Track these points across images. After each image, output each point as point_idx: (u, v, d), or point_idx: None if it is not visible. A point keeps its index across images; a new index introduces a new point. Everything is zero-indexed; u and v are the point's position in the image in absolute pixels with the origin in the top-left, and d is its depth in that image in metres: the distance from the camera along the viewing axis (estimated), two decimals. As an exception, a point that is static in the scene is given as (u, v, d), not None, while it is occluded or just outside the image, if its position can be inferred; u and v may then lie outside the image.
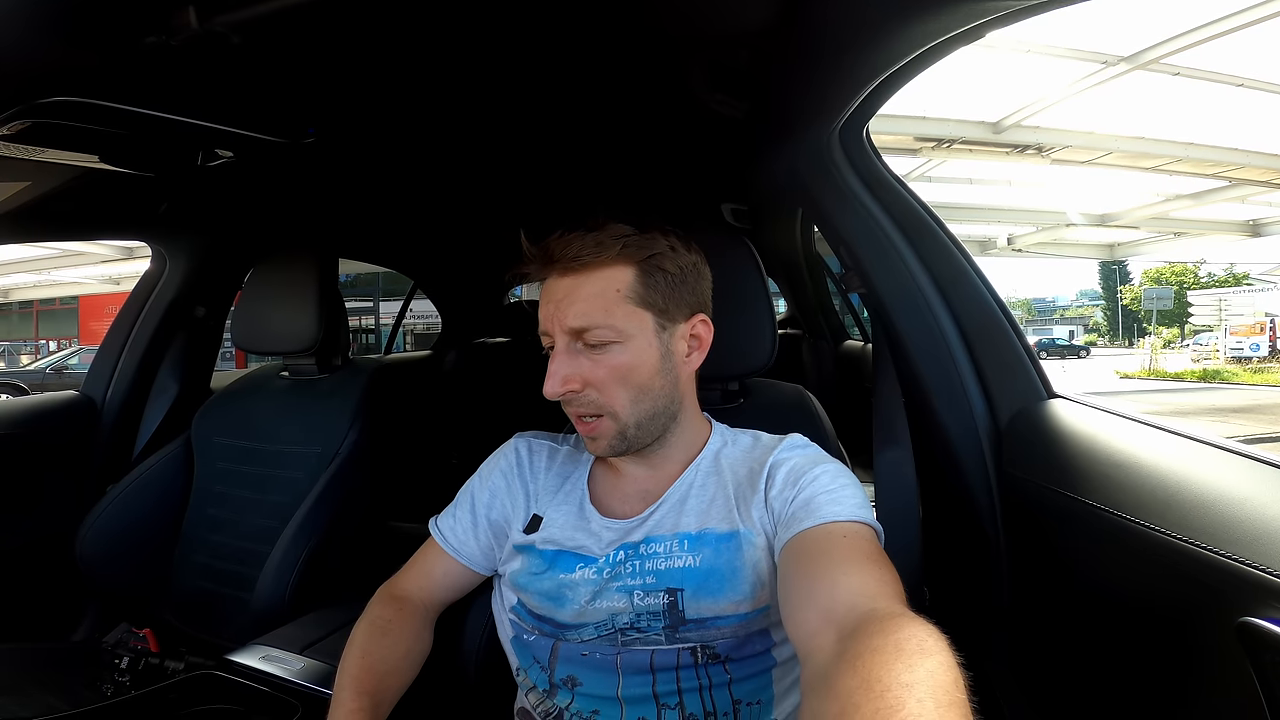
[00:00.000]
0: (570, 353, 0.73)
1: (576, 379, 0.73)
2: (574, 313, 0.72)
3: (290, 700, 0.80)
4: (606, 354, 0.73)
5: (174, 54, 0.79)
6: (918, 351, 0.97)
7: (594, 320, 0.72)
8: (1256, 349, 19.37)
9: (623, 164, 1.57)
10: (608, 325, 0.72)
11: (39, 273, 13.92)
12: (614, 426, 0.75)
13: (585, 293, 0.72)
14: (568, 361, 0.73)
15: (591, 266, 0.73)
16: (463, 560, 0.86)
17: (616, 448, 0.76)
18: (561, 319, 0.73)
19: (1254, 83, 7.12)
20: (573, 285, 0.73)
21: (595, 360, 0.73)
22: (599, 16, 0.86)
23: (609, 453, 0.76)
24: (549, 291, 0.75)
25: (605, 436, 0.75)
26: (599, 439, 0.75)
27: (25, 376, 10.63)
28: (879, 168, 1.01)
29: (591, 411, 0.74)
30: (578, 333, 0.72)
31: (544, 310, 0.75)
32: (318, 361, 1.44)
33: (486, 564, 0.86)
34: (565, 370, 0.73)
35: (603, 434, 0.75)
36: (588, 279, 0.73)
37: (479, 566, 0.86)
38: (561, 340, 0.73)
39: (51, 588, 1.42)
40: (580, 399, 0.74)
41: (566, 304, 0.73)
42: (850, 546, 0.62)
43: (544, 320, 0.75)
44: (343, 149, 1.32)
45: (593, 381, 0.73)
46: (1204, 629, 0.55)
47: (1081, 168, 9.39)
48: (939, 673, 0.42)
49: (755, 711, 0.71)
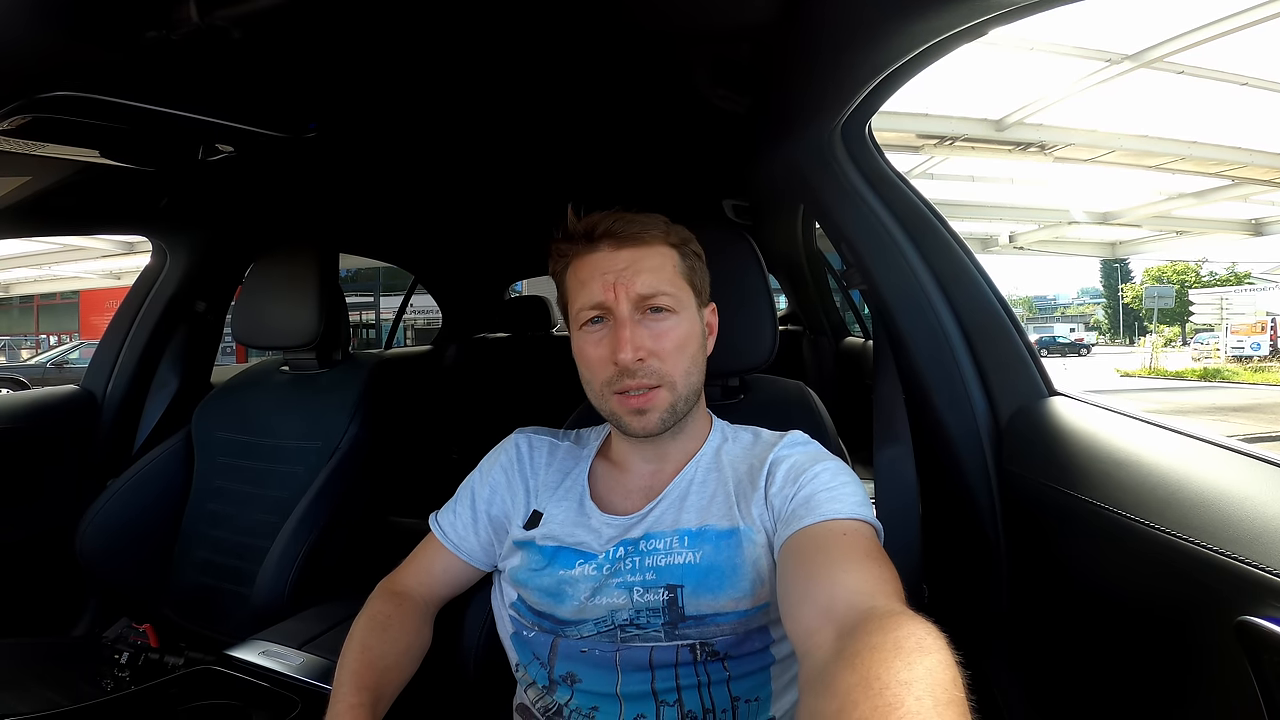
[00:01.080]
0: (635, 322, 0.74)
1: (644, 348, 0.74)
2: (643, 280, 0.74)
3: (290, 696, 0.80)
4: (666, 323, 0.75)
5: (175, 48, 0.79)
6: (918, 348, 0.97)
7: (661, 288, 0.75)
8: (1257, 348, 19.38)
9: (624, 159, 1.56)
10: (672, 294, 0.76)
11: (39, 267, 13.89)
12: (669, 398, 0.75)
13: (650, 264, 0.76)
14: (636, 329, 0.74)
15: (648, 241, 0.76)
16: (463, 556, 0.86)
17: (666, 421, 0.76)
18: (629, 285, 0.74)
19: (1258, 82, 7.08)
20: (634, 257, 0.76)
21: (657, 330, 0.75)
22: (600, 10, 0.86)
23: (658, 427, 0.76)
24: (603, 263, 0.76)
25: (659, 409, 0.75)
26: (651, 411, 0.75)
27: (26, 371, 10.63)
28: (881, 164, 1.01)
29: (651, 383, 0.74)
30: (645, 300, 0.74)
31: (599, 281, 0.75)
32: (318, 356, 1.44)
33: (486, 560, 0.87)
34: (637, 338, 0.74)
35: (656, 405, 0.75)
36: (648, 252, 0.76)
37: (479, 562, 0.86)
38: (626, 308, 0.74)
39: (52, 583, 1.42)
40: (644, 368, 0.74)
41: (632, 273, 0.74)
42: (850, 544, 0.62)
43: (600, 291, 0.75)
44: (344, 144, 1.31)
45: (656, 351, 0.75)
46: (1203, 627, 0.55)
47: (1084, 165, 9.35)
48: (937, 671, 0.42)
49: (753, 709, 0.71)
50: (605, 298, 0.74)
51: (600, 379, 0.76)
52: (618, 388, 0.75)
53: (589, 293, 0.75)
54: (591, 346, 0.76)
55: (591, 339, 0.76)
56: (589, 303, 0.76)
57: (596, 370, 0.76)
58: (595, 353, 0.76)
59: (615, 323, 0.74)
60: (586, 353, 0.77)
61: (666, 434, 0.79)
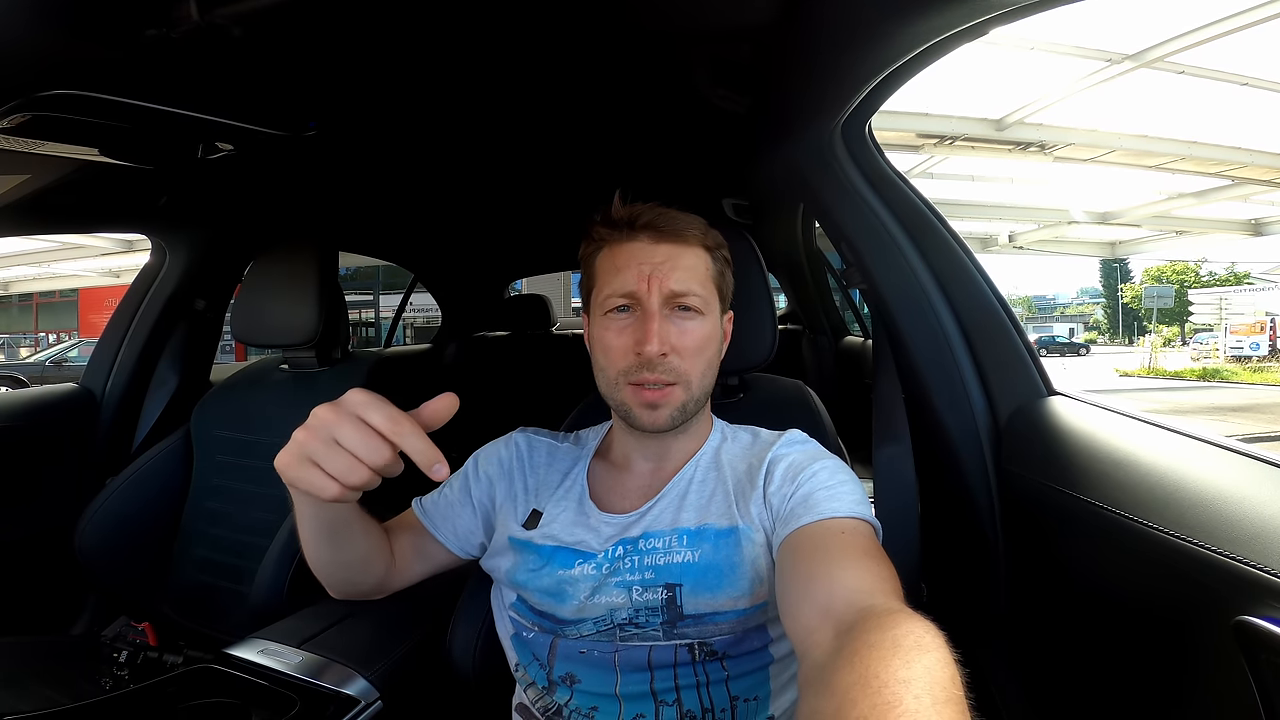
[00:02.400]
0: (663, 317, 0.74)
1: (668, 344, 0.74)
2: (678, 277, 0.75)
3: (288, 694, 0.80)
4: (691, 323, 0.76)
5: (175, 47, 0.79)
6: (918, 348, 0.97)
7: (693, 288, 0.75)
8: (1256, 348, 19.39)
9: (624, 158, 1.56)
10: (702, 295, 0.76)
11: (39, 265, 13.86)
12: (683, 396, 0.76)
13: (686, 262, 0.76)
14: (665, 325, 0.74)
15: (687, 240, 0.77)
16: (436, 534, 0.86)
17: (675, 419, 0.76)
18: (663, 280, 0.74)
19: (1258, 82, 7.08)
20: (672, 253, 0.76)
21: (682, 329, 0.75)
22: (600, 10, 0.86)
23: (667, 424, 0.76)
24: (638, 254, 0.76)
25: (671, 405, 0.75)
26: (664, 408, 0.75)
27: (25, 369, 10.61)
28: (881, 164, 1.01)
29: (669, 379, 0.74)
30: (676, 296, 0.75)
31: (634, 270, 0.75)
32: (317, 355, 1.43)
33: (460, 545, 0.86)
34: (664, 333, 0.74)
35: (670, 402, 0.75)
36: (685, 250, 0.77)
37: (450, 544, 0.86)
38: (656, 301, 0.74)
39: (51, 581, 1.42)
40: (664, 364, 0.74)
41: (668, 268, 0.74)
42: (848, 543, 0.62)
43: (634, 280, 0.75)
44: (343, 142, 1.31)
45: (679, 348, 0.75)
46: (1201, 627, 0.55)
47: (1084, 165, 9.35)
48: (936, 669, 0.42)
49: (752, 708, 0.72)
50: (638, 288, 0.74)
51: (618, 367, 0.76)
52: (634, 379, 0.75)
53: (622, 280, 0.75)
54: (614, 334, 0.76)
55: (615, 326, 0.76)
56: (620, 290, 0.75)
57: (615, 358, 0.76)
58: (617, 341, 0.76)
59: (644, 314, 0.74)
60: (607, 340, 0.77)
61: (671, 432, 0.79)
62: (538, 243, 2.57)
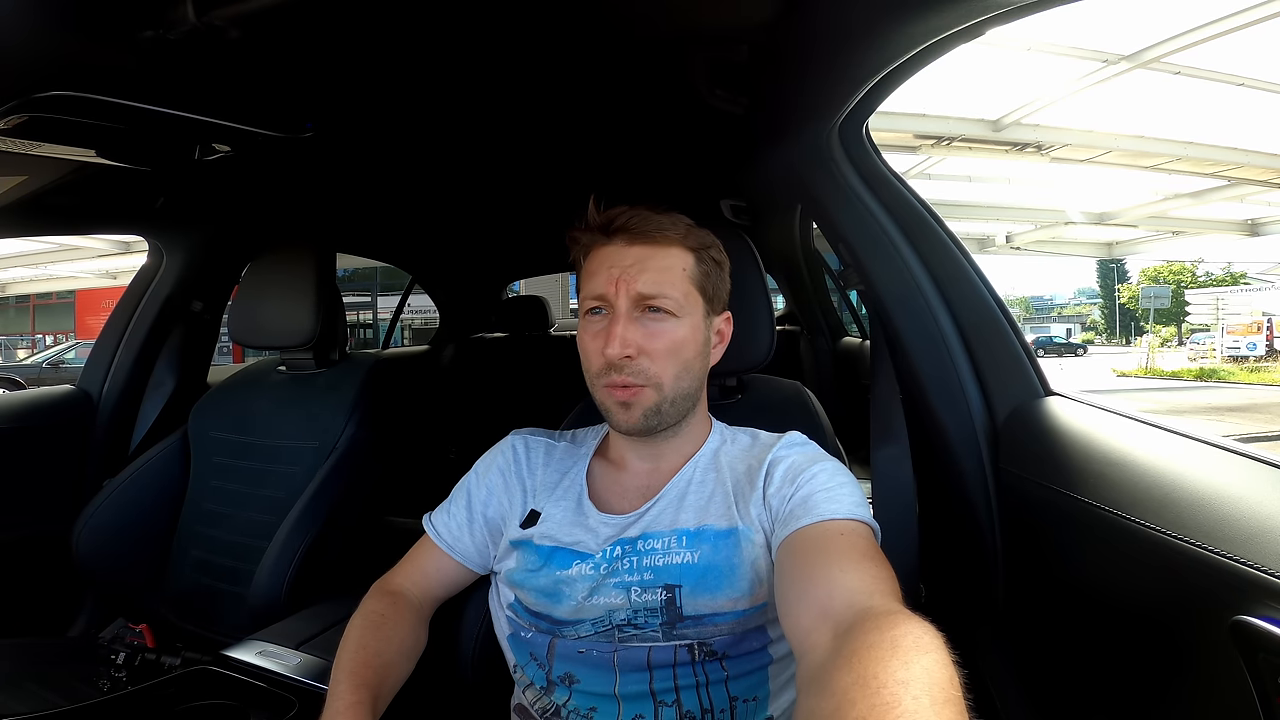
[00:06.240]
0: (631, 319, 0.75)
1: (633, 345, 0.74)
2: (646, 280, 0.74)
3: (286, 696, 0.80)
4: (663, 325, 0.75)
5: (172, 48, 0.79)
6: (915, 349, 0.97)
7: (664, 290, 0.75)
8: (1253, 348, 19.42)
9: (622, 159, 1.56)
10: (674, 298, 0.75)
11: (35, 267, 13.84)
12: (655, 398, 0.76)
13: (657, 264, 0.76)
14: (630, 326, 0.74)
15: (660, 242, 0.77)
16: (456, 557, 0.86)
17: (649, 420, 0.76)
18: (630, 283, 0.74)
19: (1254, 82, 7.10)
20: (643, 255, 0.76)
21: (652, 330, 0.75)
22: (597, 11, 0.86)
23: (640, 426, 0.76)
24: (610, 258, 0.76)
25: (643, 405, 0.75)
26: (635, 407, 0.75)
27: (21, 371, 10.60)
28: (878, 164, 1.01)
29: (638, 381, 0.75)
30: (645, 299, 0.75)
31: (605, 274, 0.76)
32: (315, 356, 1.43)
33: (480, 562, 0.87)
34: (628, 334, 0.74)
35: (640, 402, 0.75)
36: (658, 252, 0.76)
37: (472, 564, 0.86)
38: (625, 304, 0.75)
39: (48, 583, 1.41)
40: (632, 366, 0.74)
41: (637, 270, 0.75)
42: (847, 544, 0.62)
43: (604, 284, 0.75)
44: (341, 143, 1.31)
45: (647, 350, 0.75)
46: (1198, 627, 0.55)
47: (1081, 166, 9.37)
48: (935, 670, 0.42)
49: (751, 708, 0.72)
50: (607, 290, 0.75)
51: (592, 368, 0.78)
52: (606, 380, 0.76)
53: (595, 283, 0.76)
54: (589, 337, 0.78)
55: (590, 329, 0.78)
56: (592, 293, 0.77)
57: (590, 359, 0.78)
58: (592, 343, 0.77)
59: (611, 316, 0.75)
60: (584, 341, 0.79)
61: (661, 434, 0.80)
62: (535, 244, 2.57)
